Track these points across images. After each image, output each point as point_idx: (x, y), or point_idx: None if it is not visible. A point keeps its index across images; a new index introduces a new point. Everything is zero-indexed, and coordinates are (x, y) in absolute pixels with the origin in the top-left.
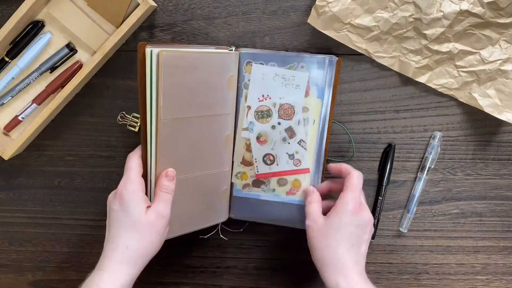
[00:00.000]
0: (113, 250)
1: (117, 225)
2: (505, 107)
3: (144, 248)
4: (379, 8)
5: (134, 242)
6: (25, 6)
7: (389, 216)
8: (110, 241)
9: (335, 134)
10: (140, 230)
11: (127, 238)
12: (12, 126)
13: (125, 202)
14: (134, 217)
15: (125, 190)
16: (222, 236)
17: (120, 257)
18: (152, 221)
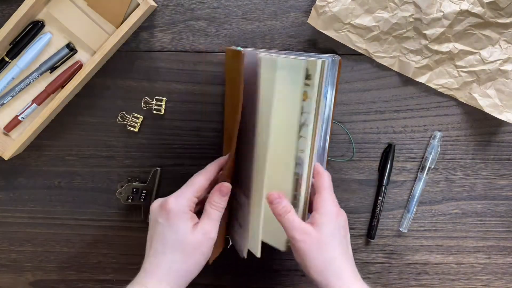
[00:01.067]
0: (155, 266)
1: (161, 241)
2: (505, 107)
3: (188, 270)
4: (379, 8)
5: (178, 263)
6: (25, 6)
7: (389, 216)
8: (152, 256)
9: (335, 134)
10: (184, 250)
11: (172, 256)
12: (12, 126)
13: (171, 218)
14: (180, 236)
15: (175, 205)
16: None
17: (162, 276)
18: (199, 242)
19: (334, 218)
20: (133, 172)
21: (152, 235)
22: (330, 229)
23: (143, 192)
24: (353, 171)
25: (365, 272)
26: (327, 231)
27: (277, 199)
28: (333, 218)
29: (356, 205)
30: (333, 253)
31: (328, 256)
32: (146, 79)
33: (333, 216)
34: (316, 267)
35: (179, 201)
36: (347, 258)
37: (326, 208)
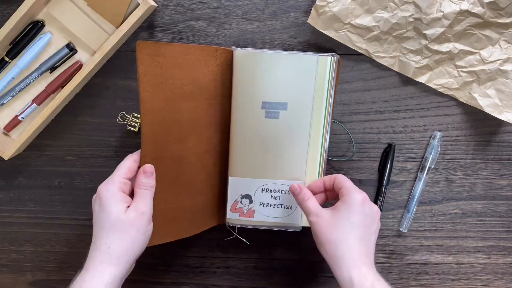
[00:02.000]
0: (95, 250)
1: (98, 226)
2: (505, 107)
3: (126, 248)
4: (379, 8)
5: (115, 242)
6: (25, 6)
7: (389, 216)
8: (93, 242)
9: (335, 134)
10: (119, 229)
11: (108, 238)
12: (12, 126)
13: (104, 202)
14: (113, 216)
15: (105, 190)
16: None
17: (102, 257)
18: (132, 220)
19: (356, 204)
20: None
21: (93, 223)
22: (346, 213)
23: None
24: (353, 171)
25: None
26: (342, 215)
27: (297, 190)
28: (355, 204)
29: None
30: (345, 234)
31: (338, 237)
32: None
33: (355, 203)
34: (325, 246)
35: (108, 187)
36: (363, 244)
37: (350, 195)
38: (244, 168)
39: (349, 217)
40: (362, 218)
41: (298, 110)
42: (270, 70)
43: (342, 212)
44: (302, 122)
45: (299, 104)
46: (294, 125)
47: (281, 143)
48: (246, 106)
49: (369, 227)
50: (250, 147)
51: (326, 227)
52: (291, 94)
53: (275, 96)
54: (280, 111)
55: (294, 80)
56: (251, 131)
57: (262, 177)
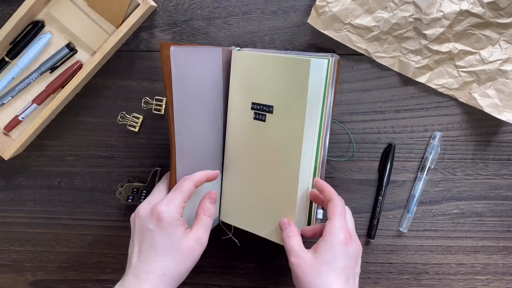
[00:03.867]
0: (148, 273)
1: (153, 248)
2: (505, 107)
3: (181, 275)
4: (379, 8)
5: (171, 269)
6: (25, 6)
7: (389, 216)
8: (143, 262)
9: (335, 134)
10: (178, 257)
11: (165, 263)
12: (12, 126)
13: (165, 225)
14: (174, 243)
15: (167, 213)
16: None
17: (156, 283)
18: (191, 249)
19: (339, 246)
20: (133, 172)
21: (140, 241)
22: (329, 256)
23: (143, 192)
24: (353, 171)
25: (365, 272)
26: (325, 258)
27: (286, 225)
28: (338, 246)
29: (356, 205)
30: (328, 281)
31: (323, 283)
32: (146, 79)
33: (338, 244)
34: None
35: (170, 209)
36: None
37: (332, 235)
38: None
39: (333, 262)
40: (346, 262)
41: (286, 114)
42: (261, 71)
43: (325, 256)
44: (289, 127)
45: (287, 108)
46: (282, 129)
47: (269, 148)
48: (238, 106)
49: (353, 269)
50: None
51: (308, 272)
52: (279, 97)
53: (263, 98)
54: (266, 114)
55: (284, 82)
56: (241, 132)
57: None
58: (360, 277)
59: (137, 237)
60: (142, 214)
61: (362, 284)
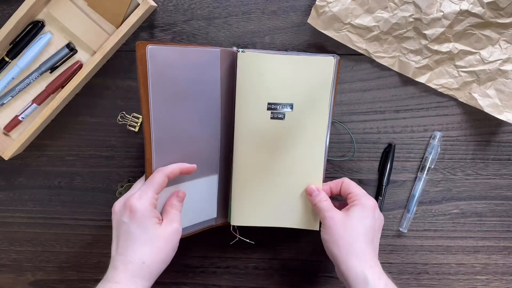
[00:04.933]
0: (127, 263)
1: (130, 239)
2: (505, 107)
3: (160, 262)
4: (379, 8)
5: (151, 256)
6: (25, 6)
7: (389, 216)
8: (122, 254)
9: (335, 134)
10: (156, 244)
11: (143, 252)
12: (12, 126)
13: (139, 216)
14: (150, 231)
15: (140, 205)
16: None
17: (136, 271)
18: (169, 236)
19: (367, 209)
20: (133, 172)
21: (117, 234)
22: (359, 215)
23: None
24: (353, 171)
25: None
26: (356, 216)
27: (315, 192)
28: (367, 209)
29: None
30: (359, 235)
31: (351, 236)
32: None
33: (367, 207)
34: (338, 242)
35: (143, 202)
36: (373, 247)
37: (362, 200)
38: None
39: (362, 220)
40: (373, 223)
41: (307, 109)
42: (276, 71)
43: (356, 214)
44: (312, 121)
45: (308, 104)
46: (304, 125)
47: (290, 143)
48: (251, 107)
49: (378, 232)
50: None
51: (341, 225)
52: (297, 95)
53: (281, 97)
54: (285, 112)
55: (302, 81)
56: (257, 132)
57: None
58: None
59: (114, 232)
60: (117, 210)
61: None
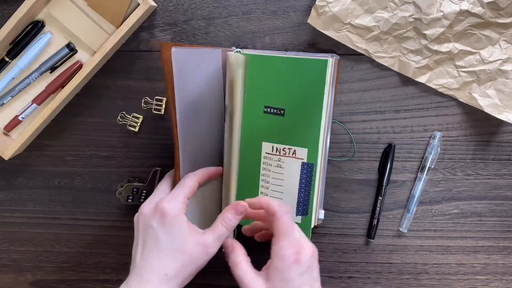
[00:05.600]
0: (150, 272)
1: (156, 246)
2: (505, 107)
3: (183, 277)
4: (379, 8)
5: (173, 270)
6: (25, 6)
7: (389, 216)
8: (146, 261)
9: (335, 134)
10: (181, 259)
11: (167, 264)
12: (12, 126)
13: (169, 221)
14: (177, 243)
15: (170, 209)
16: None
17: (158, 282)
18: (195, 254)
19: (290, 269)
20: (133, 172)
21: (145, 240)
22: (283, 283)
23: (143, 192)
24: (353, 171)
25: (365, 272)
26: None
27: (230, 248)
28: (289, 270)
29: (356, 205)
30: None
31: None
32: (146, 79)
33: (288, 268)
34: None
35: (173, 205)
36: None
37: (279, 259)
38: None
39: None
40: (300, 280)
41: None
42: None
43: (277, 284)
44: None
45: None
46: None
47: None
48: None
49: (309, 280)
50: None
51: None
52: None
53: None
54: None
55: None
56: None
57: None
58: (360, 277)
59: (141, 236)
60: (145, 212)
61: (362, 284)
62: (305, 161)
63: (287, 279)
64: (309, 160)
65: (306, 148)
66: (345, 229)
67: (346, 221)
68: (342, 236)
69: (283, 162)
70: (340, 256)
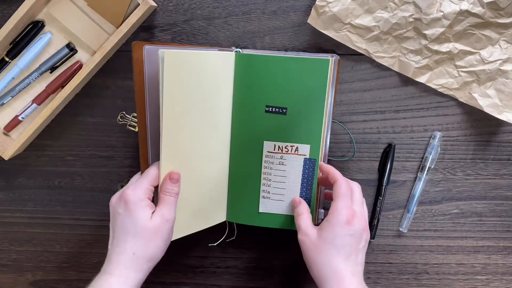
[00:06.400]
0: (119, 254)
1: (123, 230)
2: (505, 107)
3: (150, 253)
4: (379, 8)
5: (140, 248)
6: (25, 6)
7: (389, 216)
8: (115, 245)
9: (335, 134)
10: (145, 235)
11: (134, 243)
12: (12, 126)
13: (130, 207)
14: (140, 222)
15: (132, 195)
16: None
17: (127, 262)
18: (157, 226)
19: (341, 225)
20: (133, 172)
21: (113, 227)
22: (331, 235)
23: None
24: (353, 171)
25: (365, 272)
26: (327, 236)
27: (297, 203)
28: (340, 225)
29: None
30: (329, 257)
31: (324, 259)
32: None
33: (340, 223)
34: (312, 266)
35: (136, 192)
36: (349, 264)
37: (334, 216)
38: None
39: (333, 240)
40: (347, 240)
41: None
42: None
43: (327, 234)
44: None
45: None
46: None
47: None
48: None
49: (355, 246)
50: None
51: (312, 248)
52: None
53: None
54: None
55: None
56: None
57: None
58: None
59: (111, 225)
60: (113, 202)
61: None
62: (308, 157)
63: (335, 233)
64: (312, 156)
65: (308, 145)
66: None
67: None
68: None
69: (285, 159)
70: None
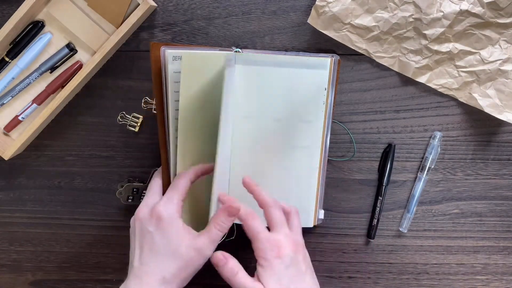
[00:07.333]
0: (149, 275)
1: (154, 250)
2: (505, 107)
3: (180, 280)
4: (379, 8)
5: (171, 272)
6: (25, 6)
7: (389, 216)
8: (144, 264)
9: (335, 134)
10: (178, 263)
11: (165, 267)
12: (12, 126)
13: (164, 226)
14: (173, 246)
15: (165, 212)
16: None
17: (156, 285)
18: (191, 258)
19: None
20: (133, 172)
21: (142, 244)
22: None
23: (143, 192)
24: (353, 171)
25: (365, 272)
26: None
27: (223, 261)
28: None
29: (356, 205)
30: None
31: None
32: (146, 79)
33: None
34: None
35: (168, 208)
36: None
37: (265, 257)
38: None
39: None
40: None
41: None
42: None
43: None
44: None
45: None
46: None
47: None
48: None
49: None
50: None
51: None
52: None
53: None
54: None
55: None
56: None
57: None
58: (360, 277)
59: (137, 240)
60: (141, 217)
61: (362, 284)
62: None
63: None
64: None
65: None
66: (345, 229)
67: (346, 221)
68: (342, 236)
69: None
70: (340, 256)
